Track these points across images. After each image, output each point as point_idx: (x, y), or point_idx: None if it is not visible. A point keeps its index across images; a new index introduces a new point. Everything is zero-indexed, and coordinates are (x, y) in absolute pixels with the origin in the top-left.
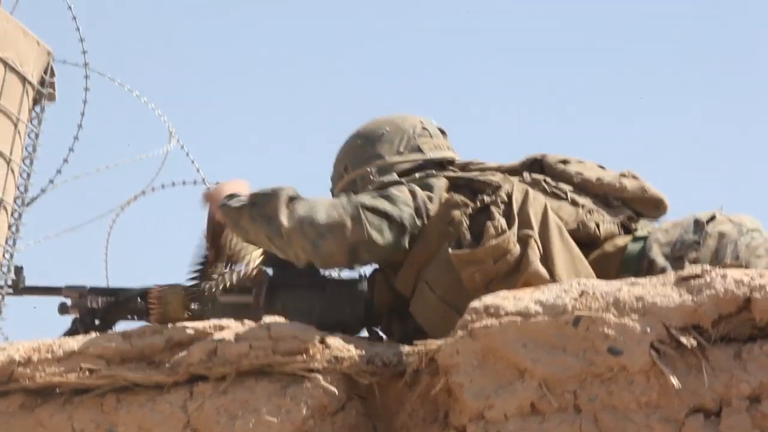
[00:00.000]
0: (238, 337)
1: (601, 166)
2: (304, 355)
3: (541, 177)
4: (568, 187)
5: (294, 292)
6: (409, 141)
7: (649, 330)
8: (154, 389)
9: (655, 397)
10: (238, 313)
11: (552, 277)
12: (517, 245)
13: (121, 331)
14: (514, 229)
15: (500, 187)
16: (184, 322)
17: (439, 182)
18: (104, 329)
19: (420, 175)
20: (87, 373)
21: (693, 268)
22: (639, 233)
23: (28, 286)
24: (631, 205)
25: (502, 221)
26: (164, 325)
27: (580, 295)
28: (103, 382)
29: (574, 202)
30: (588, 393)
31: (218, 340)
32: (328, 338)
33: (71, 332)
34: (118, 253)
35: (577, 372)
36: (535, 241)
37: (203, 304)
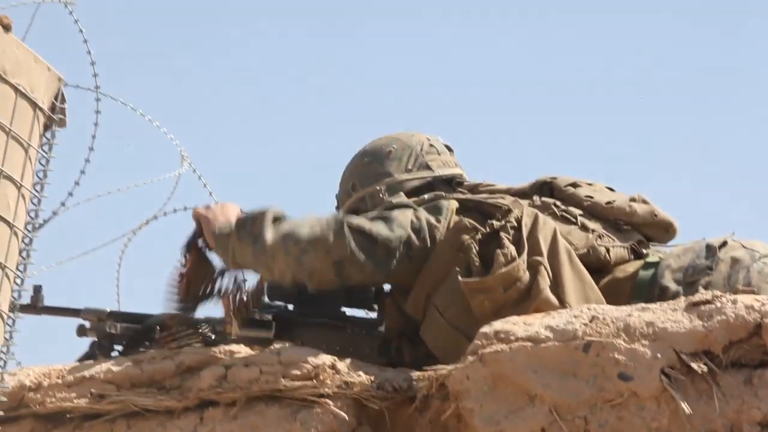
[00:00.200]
0: (248, 362)
1: (609, 188)
2: (315, 380)
3: (551, 201)
4: (578, 211)
5: (313, 330)
6: (417, 158)
7: (659, 355)
8: (165, 414)
9: (666, 423)
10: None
11: (562, 304)
12: (526, 272)
13: (132, 356)
14: (524, 256)
15: (510, 211)
16: (194, 347)
17: (449, 204)
18: (126, 354)
19: (429, 197)
20: (97, 398)
21: (703, 294)
22: (650, 259)
23: (46, 306)
24: (641, 230)
25: (512, 249)
26: (175, 350)
27: (591, 321)
28: (114, 407)
29: (584, 227)
30: (598, 419)
31: (228, 366)
32: (338, 363)
33: (88, 355)
34: (129, 277)
35: (587, 398)
36: (545, 268)
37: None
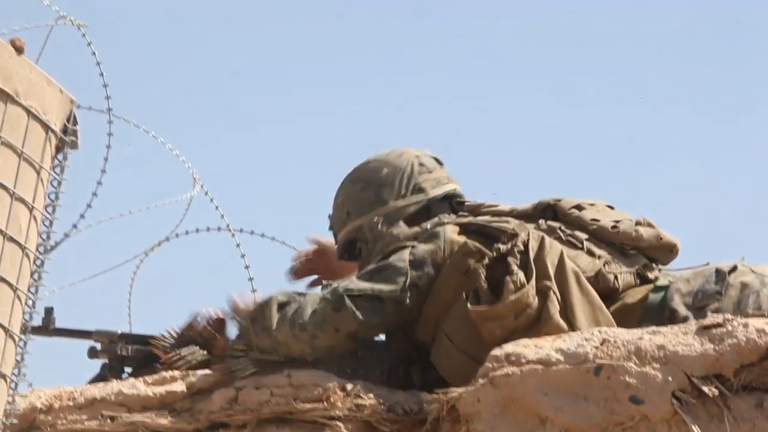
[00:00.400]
0: (259, 385)
1: (609, 206)
2: (325, 403)
3: (557, 225)
4: (584, 236)
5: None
6: (410, 181)
7: (670, 379)
8: None
9: None
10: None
11: (572, 328)
12: (536, 298)
13: (143, 379)
14: (533, 282)
15: (516, 235)
16: (205, 370)
17: (445, 229)
18: (137, 376)
19: (427, 226)
20: (108, 420)
21: (715, 317)
22: (659, 283)
23: (58, 327)
24: (646, 253)
25: (521, 275)
26: (185, 372)
27: (602, 344)
28: (125, 429)
29: (590, 252)
30: None
31: (239, 388)
32: (349, 386)
33: (99, 377)
34: (141, 299)
35: (598, 421)
36: (554, 293)
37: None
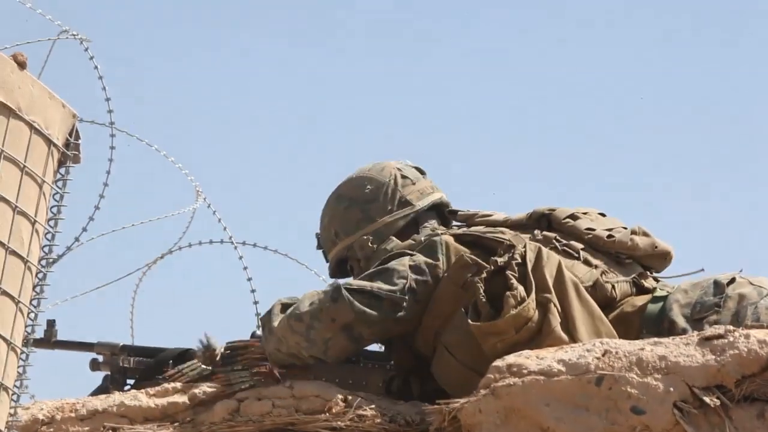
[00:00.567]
0: (261, 396)
1: (601, 213)
2: (327, 414)
3: (552, 235)
4: (580, 246)
5: (326, 363)
6: (395, 195)
7: (672, 389)
8: None
9: None
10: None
11: (573, 340)
12: (536, 311)
13: (145, 390)
14: (533, 295)
15: (513, 247)
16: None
17: (442, 240)
18: (138, 388)
19: (422, 238)
20: None
21: (716, 329)
22: (658, 293)
23: (60, 340)
24: (640, 261)
25: (521, 289)
26: (187, 384)
27: (603, 355)
28: None
29: (587, 262)
30: None
31: (241, 399)
32: (351, 397)
33: (101, 389)
34: (144, 311)
35: (600, 431)
36: (554, 305)
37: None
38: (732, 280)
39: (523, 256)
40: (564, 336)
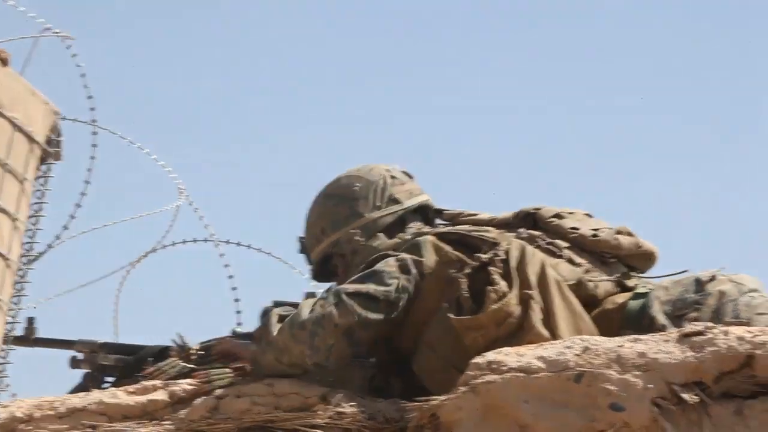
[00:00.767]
0: (240, 393)
1: (588, 215)
2: (307, 412)
3: (537, 233)
4: (564, 244)
5: None
6: (384, 193)
7: (651, 386)
8: None
9: None
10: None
11: (554, 336)
12: (518, 307)
13: (124, 388)
14: (515, 291)
15: (497, 244)
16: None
17: (426, 239)
18: (118, 386)
19: (408, 237)
20: (89, 430)
21: (695, 325)
22: (639, 290)
23: (40, 337)
24: (625, 261)
25: (503, 284)
26: (167, 381)
27: (583, 351)
28: None
29: (571, 261)
30: None
31: (220, 396)
32: (330, 394)
33: (81, 387)
34: (127, 310)
35: (579, 428)
36: (536, 302)
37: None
38: (713, 278)
39: (507, 253)
40: (545, 332)
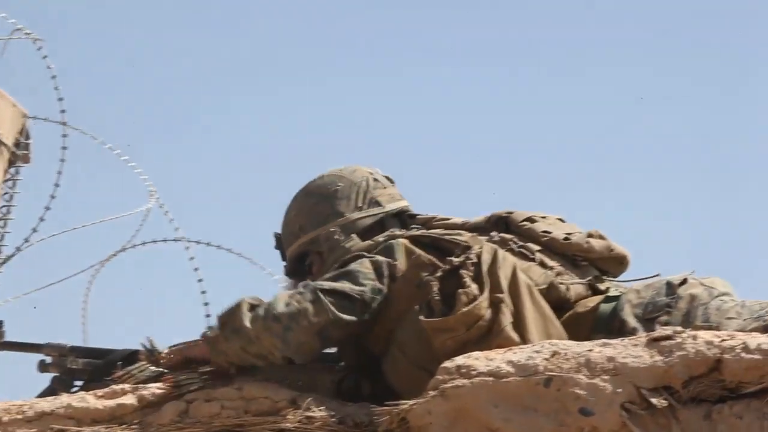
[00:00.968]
0: (209, 398)
1: (560, 219)
2: (276, 416)
3: (509, 236)
4: (536, 248)
5: (275, 365)
6: (366, 195)
7: (620, 390)
8: None
9: None
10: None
11: (524, 341)
12: (488, 310)
13: (93, 392)
14: (486, 294)
15: (469, 248)
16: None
17: (399, 243)
18: (87, 390)
19: (382, 239)
20: None
21: (664, 330)
22: (611, 293)
23: (8, 341)
24: (597, 264)
25: (474, 287)
26: (136, 385)
27: (552, 356)
28: None
29: (542, 264)
30: None
31: (190, 401)
32: (300, 398)
33: (49, 391)
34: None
35: None
36: (506, 305)
37: None
38: (684, 281)
39: (479, 257)
40: (514, 336)
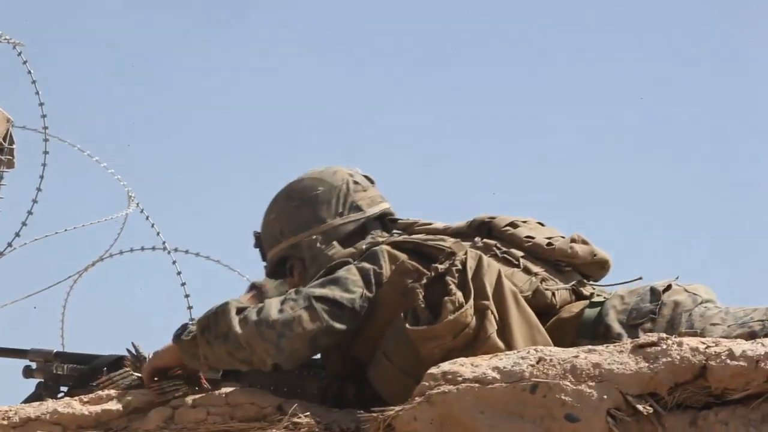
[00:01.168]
0: (195, 404)
1: (540, 223)
2: (262, 422)
3: (492, 242)
4: (519, 253)
5: (261, 371)
6: (347, 199)
7: (605, 397)
8: None
9: None
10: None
11: (509, 347)
12: (474, 317)
13: (78, 398)
14: (471, 301)
15: (454, 254)
16: (142, 389)
17: (382, 249)
18: (72, 395)
19: (365, 246)
20: None
21: (650, 336)
22: (596, 299)
23: None
24: (579, 269)
25: (459, 295)
26: (122, 391)
27: (538, 362)
28: None
29: (526, 270)
30: None
31: (175, 406)
32: (286, 405)
33: (34, 397)
34: (78, 318)
35: None
36: (492, 312)
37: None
38: (668, 287)
39: (464, 263)
40: (500, 343)
